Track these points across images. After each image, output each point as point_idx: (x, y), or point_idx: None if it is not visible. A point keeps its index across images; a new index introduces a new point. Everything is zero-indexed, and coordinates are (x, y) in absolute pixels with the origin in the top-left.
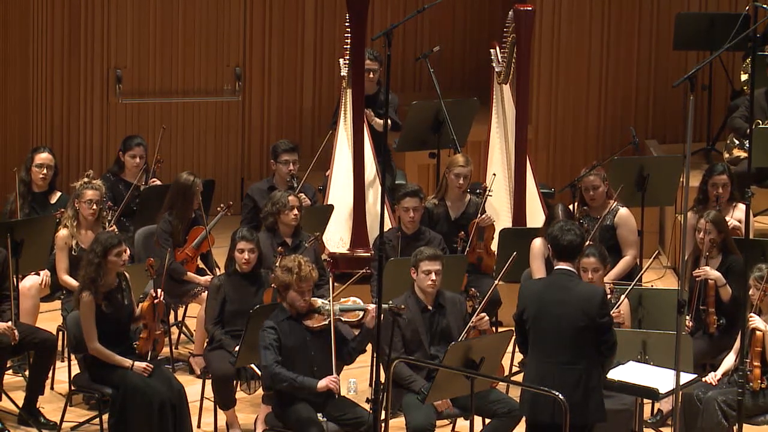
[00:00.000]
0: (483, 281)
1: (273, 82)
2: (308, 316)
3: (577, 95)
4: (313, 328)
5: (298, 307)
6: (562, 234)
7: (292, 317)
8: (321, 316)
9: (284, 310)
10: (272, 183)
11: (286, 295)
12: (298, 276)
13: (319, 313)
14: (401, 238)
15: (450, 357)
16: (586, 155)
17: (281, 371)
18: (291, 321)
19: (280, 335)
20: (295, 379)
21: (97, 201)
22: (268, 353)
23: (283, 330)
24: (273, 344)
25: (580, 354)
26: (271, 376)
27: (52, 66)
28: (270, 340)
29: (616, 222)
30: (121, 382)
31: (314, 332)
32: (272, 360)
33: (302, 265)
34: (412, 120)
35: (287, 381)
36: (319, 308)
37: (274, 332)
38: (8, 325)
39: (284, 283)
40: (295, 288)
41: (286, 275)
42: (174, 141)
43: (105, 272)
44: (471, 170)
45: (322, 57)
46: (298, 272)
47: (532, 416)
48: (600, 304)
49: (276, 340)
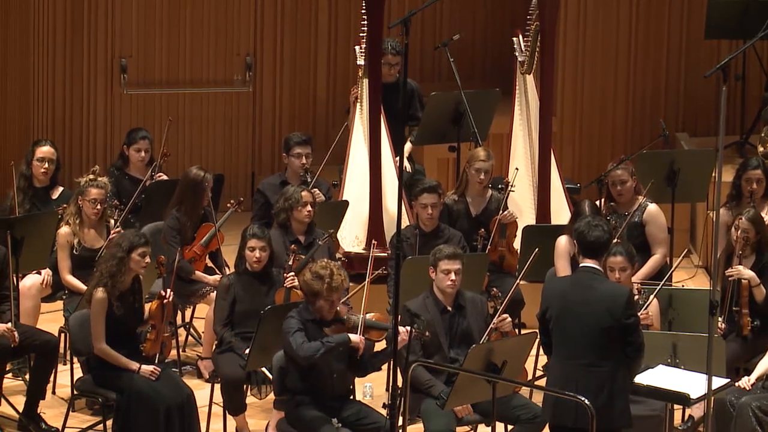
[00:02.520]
0: (505, 281)
1: (285, 72)
2: (331, 325)
3: (604, 86)
4: None
5: (324, 315)
6: (589, 230)
7: (316, 321)
8: (344, 328)
9: (309, 311)
10: (284, 178)
11: (314, 302)
12: (329, 286)
13: (342, 323)
14: (419, 236)
15: (471, 360)
16: (613, 149)
17: (311, 344)
18: (314, 324)
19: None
20: (327, 342)
21: (102, 200)
22: (298, 335)
23: (306, 329)
24: (300, 330)
25: (605, 356)
26: (305, 352)
27: (54, 55)
28: (297, 326)
29: (644, 219)
30: (126, 387)
31: None
32: (302, 341)
33: (335, 273)
34: (430, 112)
35: (320, 348)
36: (344, 319)
37: (301, 324)
38: (8, 327)
39: (313, 291)
40: (325, 297)
41: (316, 283)
42: (181, 134)
43: (125, 270)
44: (492, 164)
45: (337, 45)
46: (330, 282)
47: (555, 420)
48: (626, 304)
49: (302, 328)
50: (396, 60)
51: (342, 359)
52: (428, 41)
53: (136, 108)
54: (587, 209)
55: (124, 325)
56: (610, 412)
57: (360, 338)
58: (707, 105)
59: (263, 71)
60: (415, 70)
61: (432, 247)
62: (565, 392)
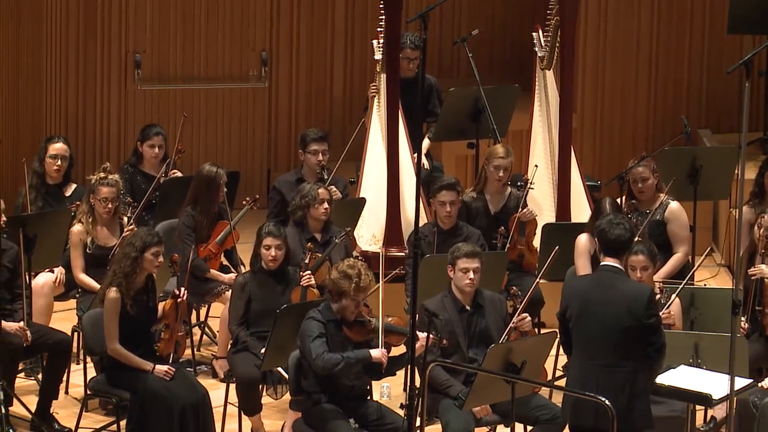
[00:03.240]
0: (524, 279)
1: (301, 67)
2: (350, 326)
3: (625, 81)
4: (353, 341)
5: (347, 316)
6: (610, 227)
7: (337, 321)
8: (364, 330)
9: (330, 310)
10: (301, 175)
11: (339, 302)
12: (356, 285)
13: (363, 326)
14: (437, 234)
15: (489, 360)
16: (634, 145)
17: (332, 355)
18: (335, 324)
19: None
20: (347, 358)
21: (113, 198)
22: (318, 342)
23: (328, 330)
24: (322, 336)
25: (626, 356)
26: (323, 363)
27: (67, 50)
28: (318, 331)
29: (666, 217)
30: (140, 386)
31: (353, 343)
32: (322, 349)
33: (362, 274)
34: (449, 108)
35: (340, 362)
36: (364, 321)
37: (323, 327)
38: (20, 326)
39: (340, 290)
40: (351, 297)
41: (343, 282)
42: (196, 130)
43: (139, 270)
44: (512, 161)
45: (354, 40)
46: (358, 282)
47: (574, 421)
48: (647, 304)
49: (323, 333)
50: (415, 54)
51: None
52: (447, 36)
53: (151, 104)
54: (608, 207)
55: (137, 324)
56: (630, 413)
57: (382, 353)
58: (730, 101)
59: (279, 66)
60: (434, 65)
61: (450, 246)
62: (585, 393)
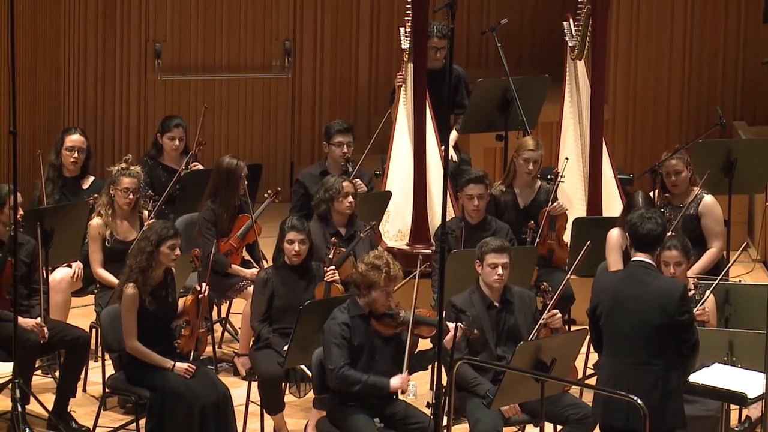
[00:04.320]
0: (554, 275)
1: (326, 57)
2: (379, 319)
3: (659, 72)
4: (383, 334)
5: (378, 308)
6: (641, 222)
7: (363, 316)
8: (393, 322)
9: (357, 307)
10: (325, 167)
11: (368, 295)
12: (387, 275)
13: (391, 318)
14: (465, 229)
15: (518, 358)
16: (667, 138)
17: (351, 373)
18: (361, 319)
19: (351, 334)
20: (366, 381)
21: (134, 189)
22: (337, 352)
23: (354, 327)
24: (344, 343)
25: (658, 354)
26: (340, 379)
27: (86, 39)
28: (340, 337)
29: (700, 211)
30: (160, 384)
31: (382, 337)
32: (342, 361)
33: (391, 264)
34: (477, 99)
35: (358, 383)
36: (393, 314)
37: (348, 330)
38: (37, 322)
39: (369, 282)
40: (382, 288)
41: (373, 273)
42: (217, 121)
43: (156, 264)
44: (542, 154)
45: (380, 28)
46: (388, 271)
47: (605, 420)
48: (679, 300)
49: (347, 338)
50: (442, 43)
51: (385, 359)
52: (475, 26)
53: (171, 95)
54: (640, 201)
55: (157, 320)
56: (663, 413)
57: (402, 379)
58: (766, 92)
59: (303, 56)
60: (461, 55)
61: (478, 240)
62: (617, 391)
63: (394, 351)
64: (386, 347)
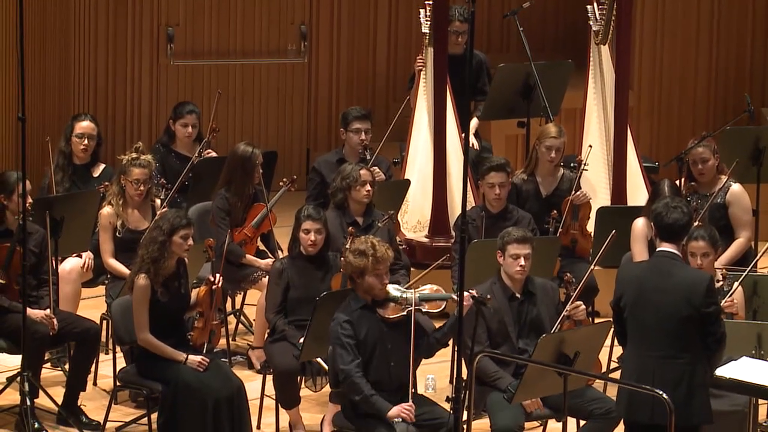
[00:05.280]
0: (578, 266)
1: (342, 41)
2: (383, 306)
3: (685, 57)
4: (390, 320)
5: (377, 293)
6: (667, 211)
7: (367, 306)
8: (398, 306)
9: (358, 299)
10: (342, 155)
11: (362, 282)
12: (374, 258)
13: (395, 302)
14: (486, 218)
15: (540, 351)
16: (694, 125)
17: (359, 382)
18: (366, 310)
19: (355, 330)
20: (369, 397)
21: (146, 180)
22: (345, 354)
23: (357, 321)
24: (350, 344)
25: (684, 347)
26: (348, 384)
27: (96, 23)
28: (345, 338)
29: (728, 200)
30: (172, 378)
31: (390, 324)
32: (353, 363)
33: (376, 245)
34: (498, 85)
35: (361, 395)
36: (396, 297)
37: (350, 327)
38: (46, 313)
39: (359, 269)
40: (372, 272)
41: (360, 260)
42: (231, 108)
43: (168, 254)
44: (564, 141)
45: (398, 12)
46: (374, 254)
47: (630, 415)
48: (706, 292)
49: (351, 336)
50: (463, 27)
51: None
52: (496, 9)
53: (184, 80)
54: (666, 189)
55: (169, 312)
56: (689, 407)
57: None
58: None
59: (319, 41)
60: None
61: (499, 230)
62: (642, 386)
63: (407, 335)
64: (397, 333)
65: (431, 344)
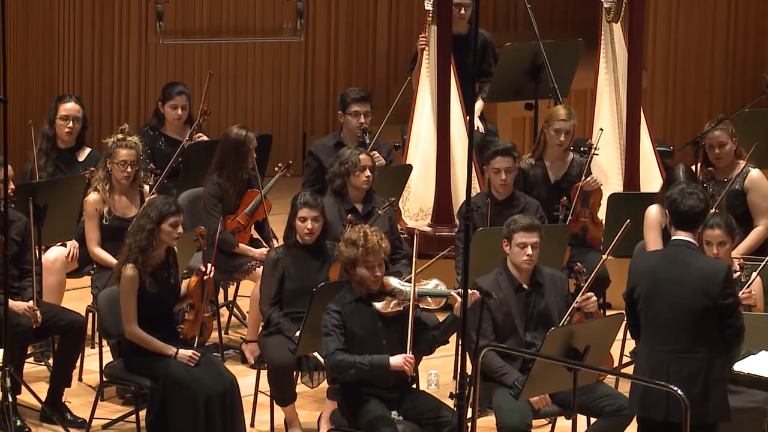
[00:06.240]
0: (588, 255)
1: (341, 19)
2: (379, 299)
3: (701, 36)
4: (385, 314)
5: (370, 285)
6: (682, 198)
7: (362, 299)
8: (394, 300)
9: (352, 291)
10: (340, 138)
11: (355, 273)
12: (364, 248)
13: (392, 295)
14: (491, 205)
15: (549, 345)
16: (711, 107)
17: (343, 357)
18: (360, 303)
19: (345, 320)
20: (360, 362)
21: (133, 162)
22: (329, 340)
23: (350, 314)
24: (335, 330)
25: (700, 341)
26: (333, 367)
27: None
28: (331, 325)
29: (746, 186)
30: (162, 373)
31: (386, 318)
32: (334, 347)
33: (368, 235)
34: (505, 65)
35: (352, 367)
36: (393, 290)
37: (338, 317)
38: (29, 305)
39: (350, 259)
40: (362, 263)
41: (350, 250)
42: (224, 89)
43: (156, 243)
44: (574, 124)
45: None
46: (364, 244)
47: (643, 412)
48: (723, 282)
49: (339, 325)
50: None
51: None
52: None
53: (174, 60)
54: (681, 175)
55: (158, 304)
56: (706, 404)
57: (404, 360)
58: None
59: (316, 18)
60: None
61: (506, 218)
62: (656, 381)
63: (403, 332)
64: (393, 329)
65: (430, 341)
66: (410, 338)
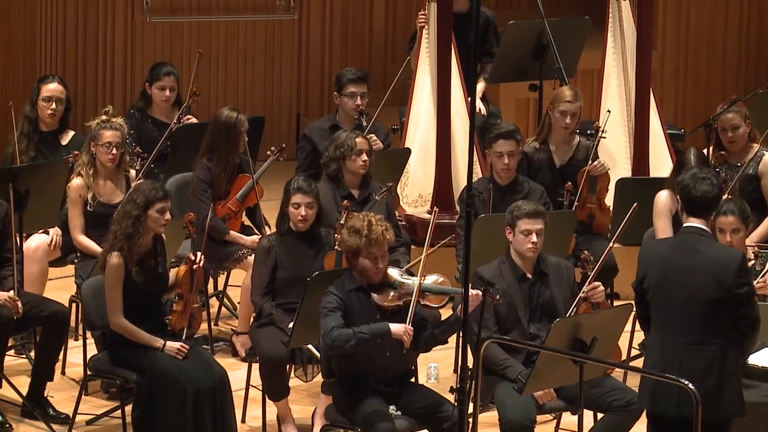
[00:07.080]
0: (595, 243)
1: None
2: (380, 291)
3: (714, 14)
4: (383, 307)
5: (371, 276)
6: (694, 183)
7: (362, 289)
8: (395, 293)
9: (353, 279)
10: (335, 121)
11: (357, 263)
12: (367, 239)
13: (393, 288)
14: (494, 190)
15: (554, 336)
16: (723, 88)
17: (340, 332)
18: (360, 293)
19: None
20: (359, 331)
21: (118, 144)
22: (328, 319)
23: (350, 303)
24: (335, 311)
25: (713, 332)
26: (331, 342)
27: None
28: (331, 306)
29: (760, 170)
30: (148, 366)
31: (385, 311)
32: (332, 325)
33: (373, 224)
34: (508, 44)
35: (352, 338)
36: (395, 283)
37: (338, 300)
38: (10, 295)
39: (352, 248)
40: (365, 254)
41: (353, 238)
42: (214, 69)
43: (143, 230)
44: (581, 106)
45: None
46: (368, 234)
47: (653, 407)
48: (738, 271)
49: (339, 307)
50: None
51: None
52: None
53: (161, 39)
54: (693, 159)
55: (145, 293)
56: (719, 399)
57: (405, 329)
58: None
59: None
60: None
61: (509, 204)
62: (666, 375)
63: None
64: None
65: (428, 339)
66: (410, 315)
